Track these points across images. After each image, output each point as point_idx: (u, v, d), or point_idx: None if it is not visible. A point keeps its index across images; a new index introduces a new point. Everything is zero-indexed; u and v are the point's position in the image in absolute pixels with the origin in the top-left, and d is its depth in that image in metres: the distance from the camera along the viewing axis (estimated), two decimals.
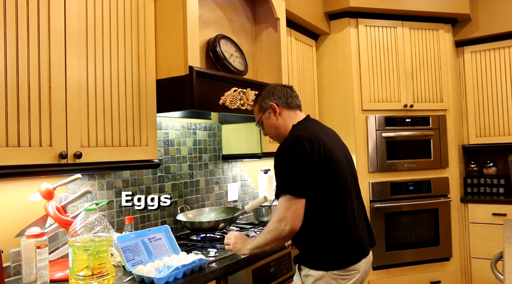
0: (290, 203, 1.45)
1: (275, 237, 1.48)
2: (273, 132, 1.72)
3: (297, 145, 1.48)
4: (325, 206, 1.50)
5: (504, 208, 3.30)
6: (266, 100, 1.69)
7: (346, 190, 1.55)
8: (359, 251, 1.53)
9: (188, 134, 2.44)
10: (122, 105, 1.67)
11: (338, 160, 1.56)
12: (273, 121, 1.69)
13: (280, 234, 1.46)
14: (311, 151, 1.47)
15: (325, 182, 1.50)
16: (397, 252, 3.23)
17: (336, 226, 1.50)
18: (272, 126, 1.70)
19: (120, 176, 2.00)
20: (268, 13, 2.47)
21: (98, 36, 1.58)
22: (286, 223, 1.44)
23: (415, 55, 3.37)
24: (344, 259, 1.48)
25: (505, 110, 3.54)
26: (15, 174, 1.30)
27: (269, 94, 1.70)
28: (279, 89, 1.70)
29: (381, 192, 3.23)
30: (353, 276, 1.49)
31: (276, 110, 1.67)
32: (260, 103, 1.72)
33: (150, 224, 2.14)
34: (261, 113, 1.72)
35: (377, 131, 3.24)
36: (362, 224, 1.60)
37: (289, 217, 1.44)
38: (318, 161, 1.48)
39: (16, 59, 1.30)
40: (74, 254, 1.31)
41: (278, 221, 1.46)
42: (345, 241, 1.50)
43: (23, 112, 1.31)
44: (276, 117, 1.68)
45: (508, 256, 1.66)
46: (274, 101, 1.68)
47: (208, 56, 2.08)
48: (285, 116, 1.68)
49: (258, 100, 1.74)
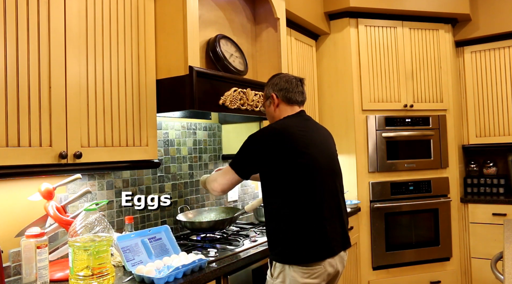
0: (228, 173, 1.66)
1: (208, 187, 1.77)
2: (270, 120, 1.81)
3: (264, 134, 1.62)
4: (294, 203, 1.54)
5: (504, 208, 3.31)
6: (270, 89, 1.77)
7: (318, 189, 1.56)
8: (324, 250, 1.54)
9: (188, 134, 2.44)
10: (122, 105, 1.67)
11: (313, 159, 1.58)
12: (271, 110, 1.77)
13: (211, 188, 1.73)
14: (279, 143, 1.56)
15: (289, 178, 1.55)
16: (397, 252, 3.24)
17: (302, 223, 1.53)
18: (269, 115, 1.80)
19: (120, 176, 2.00)
20: (268, 13, 2.47)
21: (98, 36, 1.58)
22: (216, 183, 1.70)
23: (415, 55, 3.38)
24: (306, 256, 1.52)
25: (505, 110, 3.54)
26: (15, 174, 1.30)
27: (273, 84, 1.76)
28: (283, 82, 1.74)
29: (381, 192, 3.23)
30: (316, 271, 1.52)
31: (274, 102, 1.74)
32: (265, 92, 1.81)
33: (150, 224, 2.14)
34: (265, 100, 1.81)
35: (377, 131, 3.24)
36: (334, 224, 1.60)
37: (220, 182, 1.69)
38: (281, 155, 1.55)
39: (16, 59, 1.30)
40: (74, 254, 1.31)
41: (213, 179, 1.72)
42: (309, 239, 1.52)
43: (23, 112, 1.31)
44: (274, 108, 1.75)
45: (508, 256, 1.66)
46: (275, 92, 1.74)
47: (208, 56, 2.08)
48: (282, 109, 1.74)
49: (266, 85, 1.82)
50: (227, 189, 1.71)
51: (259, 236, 2.09)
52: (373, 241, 3.19)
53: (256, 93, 2.14)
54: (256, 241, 1.99)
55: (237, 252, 1.81)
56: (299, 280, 1.50)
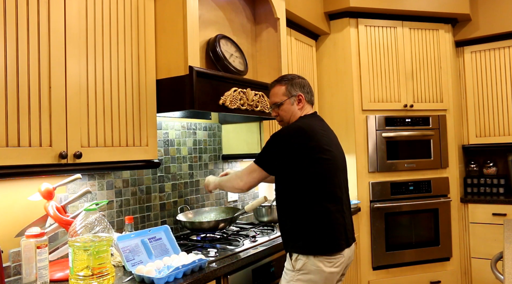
0: (254, 169, 1.73)
1: (230, 186, 1.84)
2: (287, 117, 1.86)
3: (292, 131, 1.69)
4: (318, 197, 1.66)
5: (504, 208, 3.31)
6: (297, 89, 1.84)
7: (337, 186, 1.73)
8: (343, 240, 1.68)
9: (188, 134, 2.44)
10: (122, 105, 1.67)
11: (334, 157, 1.74)
12: (293, 108, 1.84)
13: (234, 186, 1.80)
14: (304, 140, 1.66)
15: (316, 172, 1.67)
16: (397, 252, 3.24)
17: (326, 216, 1.66)
18: (291, 113, 1.85)
19: (120, 176, 2.00)
20: (268, 13, 2.47)
21: (98, 36, 1.58)
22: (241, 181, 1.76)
23: (415, 55, 3.38)
24: (331, 246, 1.64)
25: (505, 110, 3.54)
26: (15, 174, 1.30)
27: (301, 86, 1.85)
28: (308, 85, 1.88)
29: (381, 192, 3.23)
30: (338, 259, 1.65)
31: (302, 101, 1.83)
32: (289, 89, 1.84)
33: (150, 224, 2.14)
34: (286, 97, 1.84)
35: (377, 131, 3.24)
36: (348, 218, 1.77)
37: (245, 179, 1.75)
38: (310, 149, 1.66)
39: (16, 59, 1.30)
40: (74, 254, 1.31)
41: (238, 177, 1.78)
42: (333, 230, 1.66)
43: (23, 112, 1.31)
44: (299, 107, 1.84)
45: (508, 256, 1.66)
46: (303, 93, 1.84)
47: (208, 56, 2.08)
48: (304, 109, 1.85)
49: (285, 84, 1.85)
50: (253, 186, 1.77)
51: (259, 236, 2.09)
52: (373, 241, 3.19)
53: (256, 93, 2.14)
54: (256, 241, 1.99)
55: (237, 252, 1.81)
56: (325, 269, 1.61)
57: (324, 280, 1.62)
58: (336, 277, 1.67)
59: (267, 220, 2.48)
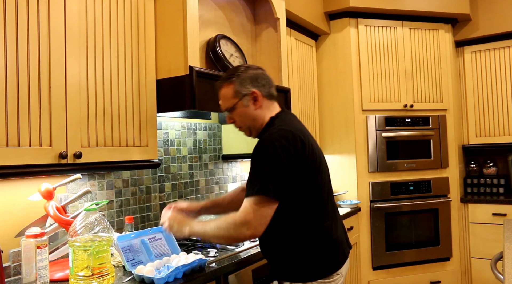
0: (263, 205, 1.28)
1: (230, 237, 1.33)
2: (248, 124, 1.50)
3: (286, 141, 1.33)
4: (307, 211, 1.39)
5: (504, 208, 3.30)
6: (247, 85, 1.45)
7: (327, 193, 1.46)
8: (341, 254, 1.45)
9: (188, 134, 2.44)
10: (122, 105, 1.67)
11: (322, 161, 1.46)
12: (250, 110, 1.46)
13: (238, 237, 1.31)
14: (301, 150, 1.34)
15: (309, 185, 1.38)
16: (397, 252, 3.24)
17: (319, 231, 1.39)
18: (248, 117, 1.48)
19: (120, 176, 2.00)
20: (268, 13, 2.47)
21: (98, 36, 1.58)
22: (249, 227, 1.28)
23: (415, 55, 3.38)
24: (328, 266, 1.40)
25: (505, 110, 3.54)
26: (15, 174, 1.30)
27: (252, 80, 1.46)
28: (262, 75, 1.49)
29: (381, 192, 3.23)
30: (337, 280, 1.43)
31: (258, 100, 1.46)
32: (238, 88, 1.46)
33: (150, 224, 2.14)
34: (237, 99, 1.46)
35: (377, 131, 3.24)
36: (340, 228, 1.51)
37: (256, 222, 1.28)
38: (306, 162, 1.35)
39: (16, 59, 1.30)
40: (74, 254, 1.31)
41: (242, 223, 1.29)
42: (328, 246, 1.40)
43: (23, 112, 1.31)
44: (256, 106, 1.46)
45: (508, 256, 1.66)
46: (256, 88, 1.46)
47: (208, 56, 2.08)
48: (264, 107, 1.48)
49: (233, 82, 1.47)
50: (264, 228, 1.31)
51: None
52: (373, 241, 3.19)
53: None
54: (256, 241, 1.99)
55: (237, 252, 1.81)
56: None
57: None
58: None
59: None
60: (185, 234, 1.45)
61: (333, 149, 3.32)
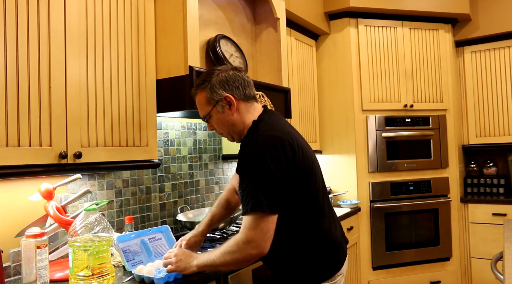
0: (262, 221, 1.22)
1: (238, 260, 1.27)
2: (226, 130, 1.44)
3: (275, 148, 1.25)
4: (305, 216, 1.36)
5: (504, 208, 3.30)
6: (219, 90, 1.37)
7: (322, 193, 1.42)
8: (341, 254, 1.43)
9: (188, 134, 2.44)
10: (122, 105, 1.67)
11: (314, 162, 1.40)
12: (227, 116, 1.40)
13: (245, 258, 1.25)
14: (292, 156, 1.28)
15: (304, 190, 1.34)
16: (397, 252, 3.24)
17: (318, 234, 1.37)
18: (226, 123, 1.41)
19: (120, 176, 2.00)
20: (268, 13, 2.47)
21: (98, 36, 1.58)
22: (254, 246, 1.23)
23: (415, 55, 3.38)
24: (330, 267, 1.39)
25: (505, 110, 3.54)
26: (15, 174, 1.30)
27: (223, 83, 1.37)
28: (234, 77, 1.39)
29: (381, 192, 3.23)
30: (339, 280, 1.42)
31: (232, 104, 1.38)
32: (209, 94, 1.38)
33: (150, 224, 2.14)
34: (211, 106, 1.39)
35: (377, 131, 3.24)
36: (336, 225, 1.48)
37: (259, 239, 1.22)
38: (298, 167, 1.30)
39: (16, 59, 1.30)
40: (74, 254, 1.31)
41: (245, 243, 1.23)
42: (329, 248, 1.39)
43: (23, 112, 1.31)
44: (232, 111, 1.39)
45: (508, 256, 1.66)
46: (229, 92, 1.38)
47: (208, 56, 2.08)
48: (243, 110, 1.40)
49: (205, 88, 1.39)
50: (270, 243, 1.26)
51: None
52: (373, 241, 3.19)
53: (256, 93, 2.14)
54: None
55: None
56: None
57: None
58: None
59: None
60: (193, 268, 1.38)
61: (333, 149, 3.32)
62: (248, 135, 1.39)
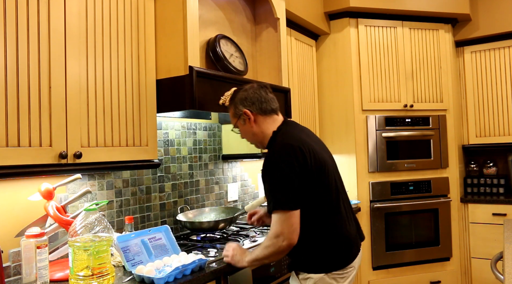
0: (285, 217, 1.43)
1: (273, 252, 1.48)
2: (250, 138, 1.69)
3: (287, 155, 1.46)
4: (319, 211, 1.52)
5: (504, 208, 3.30)
6: (239, 106, 1.63)
7: (335, 192, 1.58)
8: (354, 248, 1.58)
9: (188, 134, 2.44)
10: (122, 105, 1.67)
11: (326, 163, 1.56)
12: (248, 128, 1.64)
13: (278, 249, 1.46)
14: (303, 159, 1.47)
15: (317, 188, 1.51)
16: (397, 252, 3.23)
17: (332, 229, 1.53)
18: (248, 133, 1.67)
19: (120, 176, 2.00)
20: (268, 13, 2.47)
21: (98, 36, 1.58)
22: (283, 238, 1.44)
23: (415, 55, 3.38)
24: (342, 259, 1.53)
25: (505, 110, 3.54)
26: (15, 174, 1.30)
27: (242, 100, 1.63)
28: (251, 94, 1.63)
29: (381, 192, 3.23)
30: (350, 273, 1.56)
31: (250, 118, 1.62)
32: (234, 110, 1.66)
33: (150, 224, 2.14)
34: (236, 119, 1.67)
35: (377, 131, 3.24)
36: (352, 222, 1.63)
37: (286, 232, 1.43)
38: (309, 168, 1.48)
39: (16, 59, 1.30)
40: (74, 254, 1.31)
41: (275, 237, 1.45)
42: (342, 242, 1.54)
43: (23, 112, 1.31)
44: (251, 124, 1.63)
45: (508, 256, 1.66)
46: (247, 108, 1.62)
47: (208, 56, 2.08)
48: (261, 122, 1.63)
49: (231, 104, 1.68)
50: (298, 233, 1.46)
51: (259, 236, 2.09)
52: (373, 241, 3.19)
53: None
54: (256, 241, 1.99)
55: None
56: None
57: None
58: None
59: None
60: (244, 263, 1.59)
61: (333, 149, 3.32)
62: (269, 145, 1.63)
